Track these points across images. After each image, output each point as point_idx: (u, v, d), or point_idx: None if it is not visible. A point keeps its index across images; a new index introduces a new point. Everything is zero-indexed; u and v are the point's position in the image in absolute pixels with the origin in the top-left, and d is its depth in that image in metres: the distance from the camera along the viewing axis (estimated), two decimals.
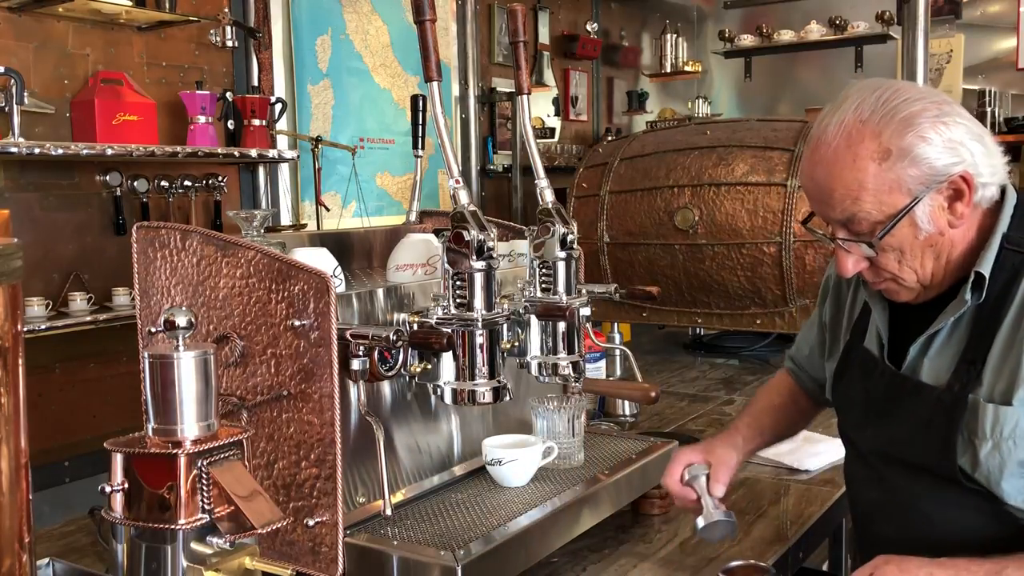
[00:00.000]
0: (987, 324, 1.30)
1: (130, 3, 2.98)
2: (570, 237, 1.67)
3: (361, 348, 1.38)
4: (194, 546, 1.14)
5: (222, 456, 1.13)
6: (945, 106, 1.28)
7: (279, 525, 1.13)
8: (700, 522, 1.50)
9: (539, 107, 5.33)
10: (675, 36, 6.35)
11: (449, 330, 1.43)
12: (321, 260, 1.49)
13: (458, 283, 1.43)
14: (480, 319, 1.43)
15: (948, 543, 1.31)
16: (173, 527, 1.10)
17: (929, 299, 1.36)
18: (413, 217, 2.06)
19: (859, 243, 1.31)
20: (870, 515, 1.48)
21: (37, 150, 2.67)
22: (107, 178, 3.05)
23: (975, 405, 1.28)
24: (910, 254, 1.30)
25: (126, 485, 1.13)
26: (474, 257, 1.42)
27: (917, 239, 1.29)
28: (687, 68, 6.38)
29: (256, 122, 3.38)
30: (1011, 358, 1.27)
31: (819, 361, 1.68)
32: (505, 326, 1.62)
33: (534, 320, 1.68)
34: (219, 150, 3.22)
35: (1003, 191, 1.34)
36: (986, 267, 1.30)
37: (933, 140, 1.24)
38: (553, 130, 5.45)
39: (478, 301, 1.43)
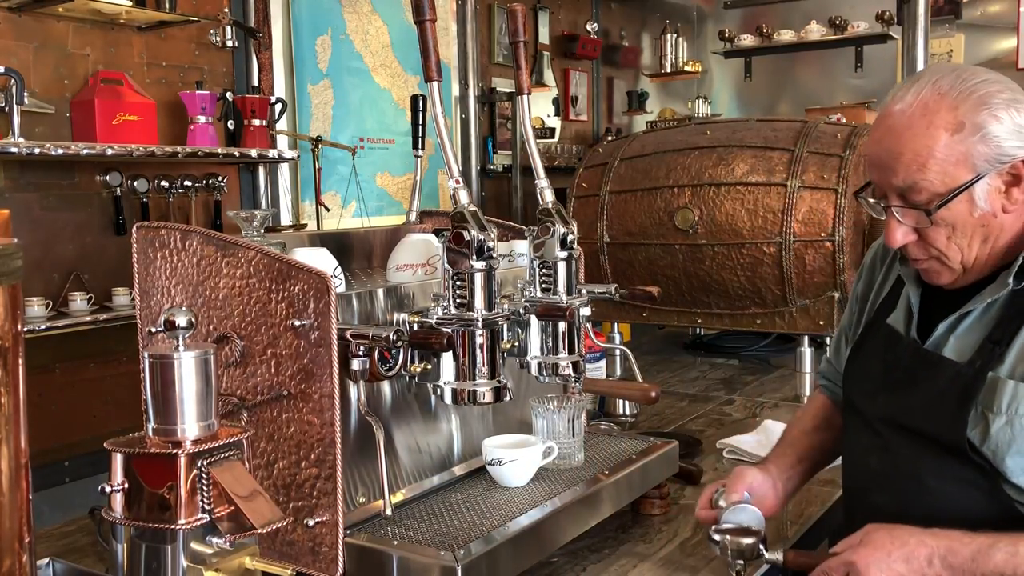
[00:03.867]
0: (1018, 309, 1.33)
1: (130, 3, 2.98)
2: (570, 237, 1.67)
3: (361, 348, 1.39)
4: (194, 546, 1.14)
5: (222, 456, 1.13)
6: (1019, 93, 1.32)
7: (279, 525, 1.13)
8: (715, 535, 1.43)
9: (539, 107, 5.33)
10: (675, 36, 6.35)
11: (449, 330, 1.43)
12: (321, 260, 1.49)
13: (458, 283, 1.43)
14: (480, 319, 1.43)
15: (943, 517, 1.32)
16: (173, 527, 1.10)
17: (964, 285, 1.39)
18: (413, 217, 2.06)
19: (915, 210, 1.33)
20: (867, 485, 1.49)
21: (37, 150, 2.67)
22: (107, 178, 3.05)
23: (994, 381, 1.32)
24: (961, 232, 1.33)
25: (126, 485, 1.13)
26: (474, 257, 1.42)
27: (971, 216, 1.31)
28: (687, 68, 6.38)
29: (256, 122, 3.38)
30: None
31: None
32: (505, 326, 1.62)
33: (534, 320, 1.68)
34: (219, 150, 3.22)
35: None
36: None
37: (1005, 121, 1.28)
38: (553, 130, 5.45)
39: (478, 301, 1.43)
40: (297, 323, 1.38)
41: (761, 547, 1.38)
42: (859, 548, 1.29)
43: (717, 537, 1.41)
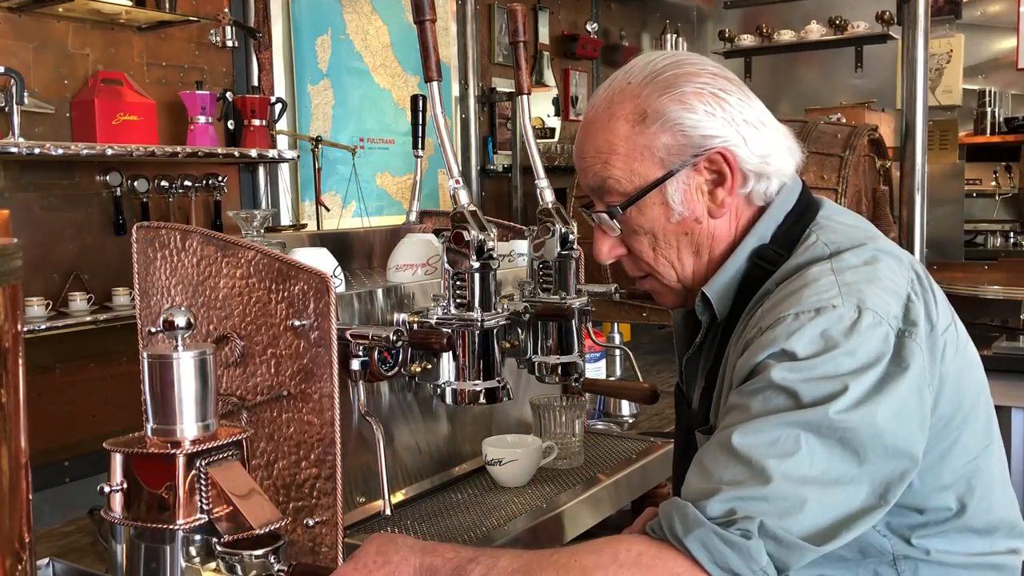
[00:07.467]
0: (720, 347, 1.18)
1: (130, 3, 2.98)
2: (570, 237, 1.67)
3: (361, 348, 1.39)
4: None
5: (221, 456, 1.13)
6: (725, 82, 1.18)
7: (277, 525, 1.13)
8: None
9: (539, 107, 5.33)
10: (675, 36, 6.34)
11: (449, 330, 1.43)
12: (321, 260, 1.49)
13: (458, 283, 1.43)
14: (480, 319, 1.43)
15: None
16: (172, 527, 1.10)
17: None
18: (413, 217, 2.07)
19: (606, 215, 1.19)
20: None
21: (37, 150, 2.67)
22: (107, 178, 3.05)
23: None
24: (664, 241, 1.18)
25: (125, 485, 1.13)
26: (474, 257, 1.42)
27: (670, 222, 1.17)
28: None
29: (256, 122, 3.37)
30: (723, 386, 1.14)
31: None
32: (505, 326, 1.62)
33: (534, 320, 1.68)
34: (219, 150, 3.22)
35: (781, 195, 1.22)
36: (712, 287, 1.17)
37: (694, 107, 1.13)
38: (553, 130, 5.44)
39: (478, 301, 1.43)
40: (297, 323, 1.38)
41: (272, 559, 1.16)
42: (346, 563, 1.16)
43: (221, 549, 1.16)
